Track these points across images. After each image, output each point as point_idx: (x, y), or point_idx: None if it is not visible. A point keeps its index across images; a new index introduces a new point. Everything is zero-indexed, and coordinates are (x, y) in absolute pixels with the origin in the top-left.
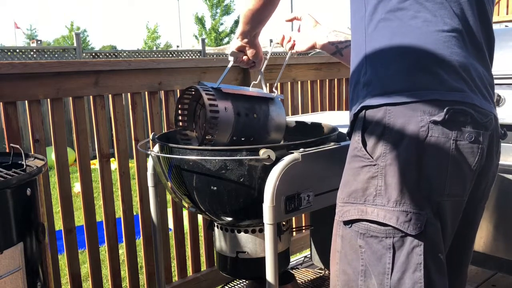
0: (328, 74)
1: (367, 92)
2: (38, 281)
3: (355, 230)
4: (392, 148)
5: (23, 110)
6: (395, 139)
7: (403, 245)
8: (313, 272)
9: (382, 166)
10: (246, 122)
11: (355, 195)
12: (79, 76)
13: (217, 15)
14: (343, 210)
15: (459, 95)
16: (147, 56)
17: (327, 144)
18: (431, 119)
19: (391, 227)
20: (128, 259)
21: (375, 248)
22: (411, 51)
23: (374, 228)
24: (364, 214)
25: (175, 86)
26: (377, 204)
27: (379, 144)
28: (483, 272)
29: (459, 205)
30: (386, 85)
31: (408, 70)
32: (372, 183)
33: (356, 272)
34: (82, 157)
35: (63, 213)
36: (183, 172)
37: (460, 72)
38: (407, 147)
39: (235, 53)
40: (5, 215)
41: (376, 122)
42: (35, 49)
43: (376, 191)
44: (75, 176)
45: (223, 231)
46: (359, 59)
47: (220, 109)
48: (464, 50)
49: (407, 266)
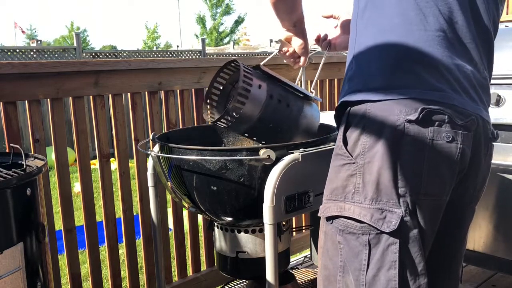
0: (328, 74)
1: (349, 87)
2: (38, 281)
3: (335, 226)
4: (370, 147)
5: (23, 110)
6: (373, 137)
7: (378, 243)
8: (313, 272)
9: (361, 165)
10: (277, 108)
11: (336, 192)
12: (79, 76)
13: (217, 15)
14: (325, 206)
15: (438, 95)
16: (147, 56)
17: (327, 144)
18: (407, 118)
19: (366, 224)
20: (128, 259)
21: (353, 245)
22: (393, 49)
23: (351, 225)
24: (343, 210)
25: (175, 86)
26: (354, 201)
27: (358, 143)
28: (483, 272)
29: (438, 205)
30: (367, 82)
31: (388, 68)
32: (351, 180)
33: (336, 268)
34: (82, 157)
35: (63, 213)
36: (183, 172)
37: (442, 71)
38: (384, 146)
39: (282, 41)
40: (5, 215)
41: (356, 121)
42: (35, 49)
43: (355, 189)
44: (75, 176)
45: (223, 231)
46: (350, 56)
47: (253, 84)
48: (448, 50)
49: (382, 263)
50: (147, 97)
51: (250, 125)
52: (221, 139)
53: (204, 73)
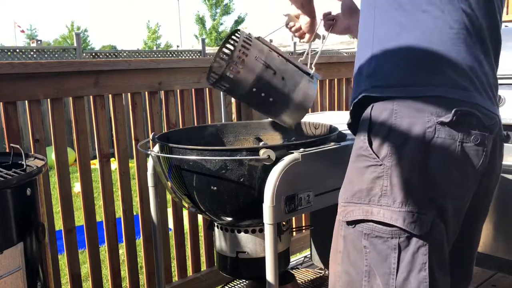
0: (328, 74)
1: (370, 82)
2: (38, 281)
3: (358, 230)
4: (398, 149)
5: (23, 110)
6: (402, 139)
7: (408, 246)
8: (313, 272)
9: (388, 167)
10: (271, 79)
11: (359, 195)
12: (79, 76)
13: (217, 15)
14: (346, 210)
15: (465, 94)
16: (147, 56)
17: (327, 144)
18: (439, 120)
19: (397, 228)
20: (128, 259)
21: (380, 249)
22: (417, 46)
23: (379, 229)
24: (369, 214)
25: (175, 86)
26: (382, 204)
27: (385, 144)
28: (483, 272)
29: (462, 207)
30: (390, 78)
31: (413, 65)
32: (378, 183)
33: (360, 273)
34: (82, 157)
35: (63, 213)
36: (183, 172)
37: (467, 70)
38: (413, 148)
39: (290, 16)
40: (5, 215)
41: (382, 121)
42: (35, 49)
43: (382, 192)
44: (75, 176)
45: (223, 231)
46: (365, 50)
47: (251, 53)
48: (471, 48)
49: (412, 266)
50: (147, 97)
51: (244, 91)
52: (221, 139)
53: (204, 73)
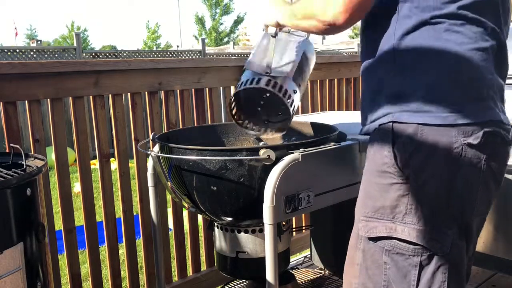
0: (328, 74)
1: (396, 105)
2: (38, 281)
3: (380, 246)
4: (424, 167)
5: (23, 110)
6: (428, 158)
7: (429, 264)
8: (313, 272)
9: (414, 185)
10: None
11: (382, 211)
12: (79, 76)
13: (216, 15)
14: (368, 225)
15: (491, 113)
16: (147, 56)
17: (327, 144)
18: (466, 141)
19: (420, 246)
20: (128, 259)
21: (401, 265)
22: (446, 67)
23: (401, 246)
24: (393, 232)
25: (175, 86)
26: (406, 222)
27: (410, 162)
28: (483, 272)
29: (484, 220)
30: (420, 101)
31: (443, 87)
32: (403, 201)
33: (378, 287)
34: (82, 157)
35: (63, 213)
36: (183, 172)
37: (490, 90)
38: (439, 167)
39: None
40: (5, 215)
41: (407, 138)
42: (35, 49)
43: (406, 210)
44: (75, 176)
45: (223, 231)
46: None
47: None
48: (494, 66)
49: (431, 284)
50: (147, 97)
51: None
52: (221, 139)
53: (204, 73)
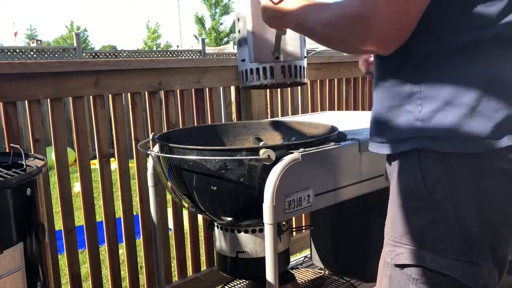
0: (328, 74)
1: (422, 130)
2: (38, 281)
3: (407, 274)
4: (455, 192)
5: (23, 110)
6: (459, 182)
7: None
8: (313, 272)
9: (445, 211)
10: None
11: (409, 237)
12: (79, 76)
13: (216, 15)
14: (395, 251)
15: None
16: (147, 56)
17: (327, 144)
18: (500, 165)
19: (452, 278)
20: (128, 259)
21: None
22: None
23: (430, 276)
24: (422, 260)
25: (175, 86)
26: (436, 251)
27: (440, 186)
28: None
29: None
30: (452, 129)
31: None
32: (432, 228)
33: None
34: (82, 157)
35: (63, 213)
36: (183, 172)
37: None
38: (471, 192)
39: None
40: (5, 215)
41: (433, 161)
42: (35, 49)
43: (437, 237)
44: (75, 176)
45: (223, 231)
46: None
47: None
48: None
49: None
50: (147, 97)
51: None
52: (221, 139)
53: (204, 73)
